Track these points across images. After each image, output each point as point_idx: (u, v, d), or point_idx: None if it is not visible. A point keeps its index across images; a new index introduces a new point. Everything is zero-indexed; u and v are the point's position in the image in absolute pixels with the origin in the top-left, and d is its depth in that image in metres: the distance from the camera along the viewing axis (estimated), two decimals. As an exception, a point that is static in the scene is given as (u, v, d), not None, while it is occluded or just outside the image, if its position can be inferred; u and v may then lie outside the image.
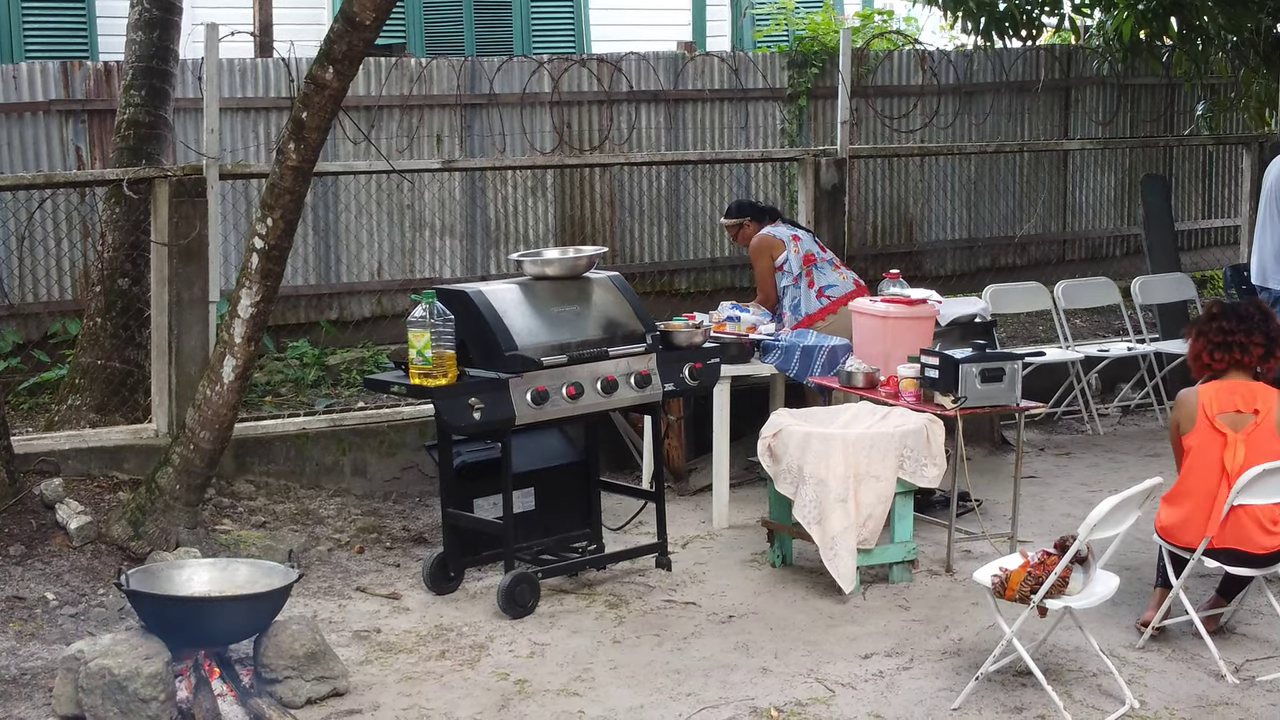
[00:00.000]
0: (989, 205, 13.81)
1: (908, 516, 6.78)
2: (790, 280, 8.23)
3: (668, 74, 12.21)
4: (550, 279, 6.86)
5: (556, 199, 11.92)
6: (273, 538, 7.30)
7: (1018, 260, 14.04)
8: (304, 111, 6.58)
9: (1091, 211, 14.39)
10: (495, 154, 11.50)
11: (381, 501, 8.10)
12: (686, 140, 12.30)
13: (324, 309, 11.50)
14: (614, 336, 6.78)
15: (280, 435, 8.09)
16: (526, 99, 11.58)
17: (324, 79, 6.52)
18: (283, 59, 7.72)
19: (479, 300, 6.57)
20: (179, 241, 7.70)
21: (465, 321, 6.51)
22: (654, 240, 12.41)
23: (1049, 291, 9.94)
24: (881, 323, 7.49)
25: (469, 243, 11.77)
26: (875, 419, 6.92)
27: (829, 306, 8.16)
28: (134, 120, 8.31)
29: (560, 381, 6.56)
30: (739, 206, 8.70)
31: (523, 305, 6.68)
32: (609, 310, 6.88)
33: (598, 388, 6.67)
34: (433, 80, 11.50)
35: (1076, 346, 9.83)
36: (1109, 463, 9.00)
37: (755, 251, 8.40)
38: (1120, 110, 14.28)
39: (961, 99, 13.48)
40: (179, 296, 7.76)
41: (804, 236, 8.41)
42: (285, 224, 6.74)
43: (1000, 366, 6.91)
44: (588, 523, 7.27)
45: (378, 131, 11.33)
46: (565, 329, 6.69)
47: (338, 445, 8.19)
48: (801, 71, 12.77)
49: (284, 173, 6.65)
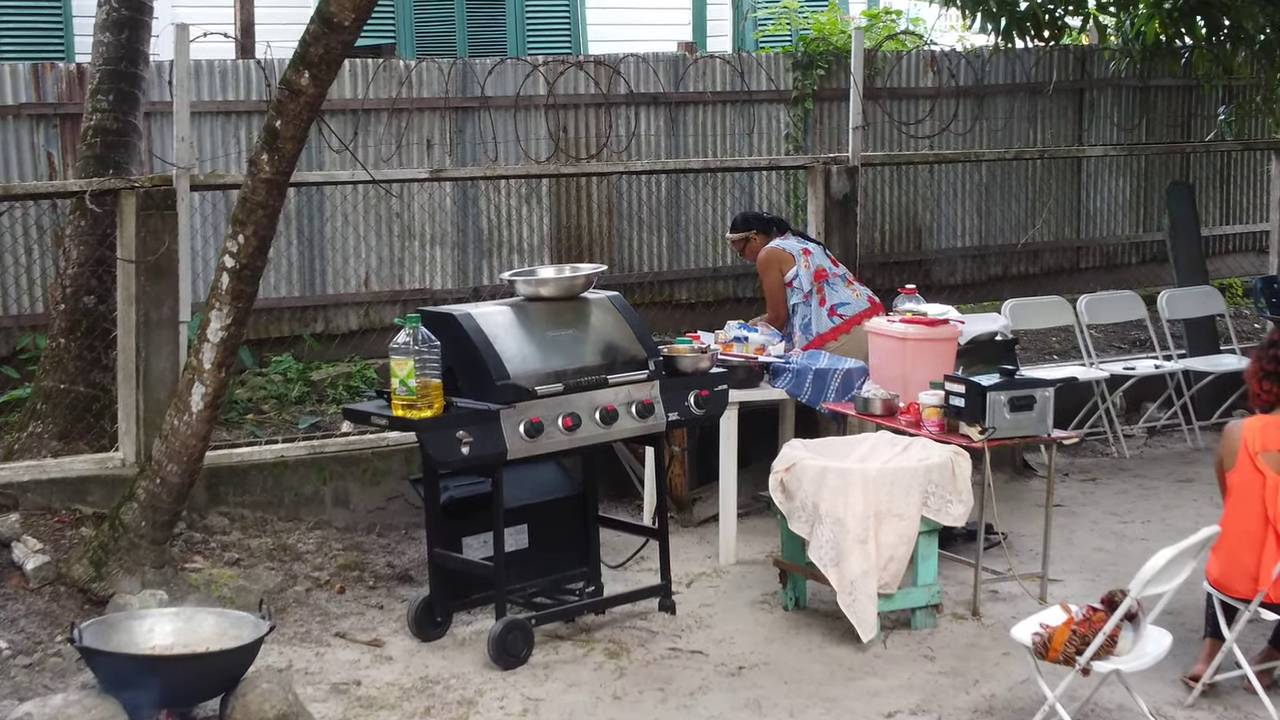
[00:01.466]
0: (1001, 211, 13.30)
1: (932, 557, 6.28)
2: (800, 297, 7.72)
3: (668, 76, 11.71)
4: (545, 300, 6.35)
5: (552, 207, 11.41)
6: (247, 577, 6.80)
7: (1031, 268, 13.55)
8: (278, 119, 6.06)
9: (1107, 218, 13.88)
10: (488, 160, 10.98)
11: (365, 534, 7.59)
12: (687, 145, 11.78)
13: (309, 322, 10.98)
14: (614, 362, 6.27)
15: (257, 464, 7.58)
16: (521, 102, 11.06)
17: (299, 84, 6.01)
18: (258, 61, 7.22)
19: (467, 324, 6.06)
20: (147, 257, 7.19)
21: (453, 347, 6.00)
22: (654, 249, 11.90)
23: (1071, 306, 9.41)
24: (900, 345, 6.98)
25: (460, 252, 11.26)
26: (896, 451, 6.42)
27: (842, 326, 7.65)
28: (101, 127, 7.79)
29: (556, 412, 6.06)
30: (744, 219, 8.18)
31: (515, 329, 6.17)
32: (608, 333, 6.37)
33: (596, 418, 6.16)
34: (422, 82, 11.00)
35: (1101, 364, 9.31)
36: (1138, 489, 8.49)
37: (763, 266, 7.89)
38: (1136, 113, 13.79)
39: (973, 102, 12.98)
40: (147, 316, 7.24)
41: (815, 250, 7.90)
42: (258, 241, 6.23)
43: (1030, 394, 6.40)
44: (585, 560, 6.76)
45: (364, 136, 10.82)
46: (561, 355, 6.18)
47: (318, 474, 7.68)
48: (807, 73, 12.26)
49: (257, 186, 6.14)
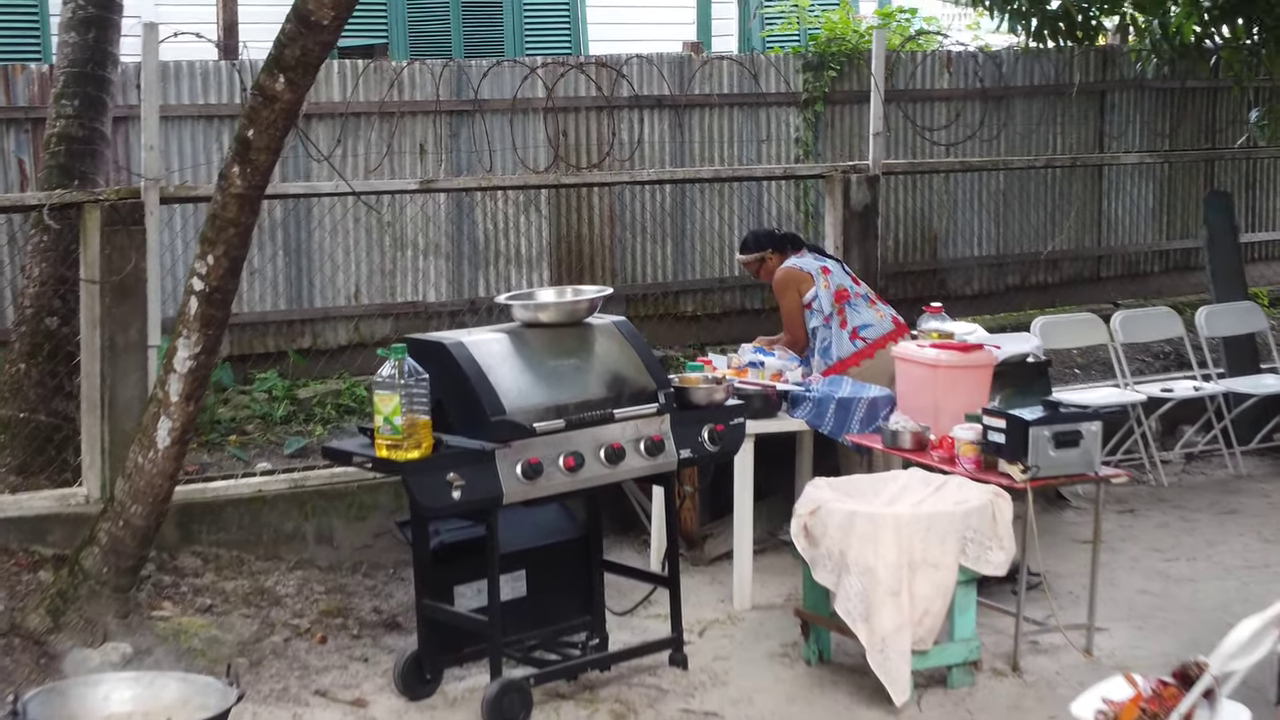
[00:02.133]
0: (1019, 219, 12.75)
1: (970, 609, 5.72)
2: (820, 319, 7.16)
3: (673, 77, 11.15)
4: (544, 326, 5.79)
5: (551, 214, 10.85)
6: (220, 625, 6.24)
7: (1049, 278, 13.00)
8: (250, 128, 5.51)
9: (1129, 225, 13.33)
10: (483, 168, 10.42)
11: (350, 575, 7.03)
12: (693, 150, 11.23)
13: (295, 337, 10.43)
14: (620, 395, 5.71)
15: (233, 499, 7.01)
16: (519, 105, 10.52)
17: (274, 90, 5.46)
18: (232, 63, 6.66)
19: (459, 354, 5.50)
20: (112, 277, 6.62)
21: (443, 379, 5.44)
22: (657, 259, 11.35)
23: (1104, 323, 8.83)
24: (931, 373, 6.42)
25: (455, 263, 10.71)
26: (929, 491, 5.86)
27: (865, 350, 7.10)
28: (65, 134, 7.23)
29: (557, 451, 5.49)
30: (756, 238, 7.61)
31: (512, 359, 5.61)
32: (614, 363, 5.81)
33: (601, 457, 5.60)
34: (415, 84, 10.45)
35: (1136, 385, 8.73)
36: (1179, 522, 7.93)
37: (780, 287, 7.32)
38: (1161, 116, 13.23)
39: (992, 104, 12.43)
40: (113, 341, 6.68)
41: (834, 268, 7.34)
42: (229, 262, 5.67)
43: (1076, 429, 5.84)
44: (588, 608, 6.20)
45: (352, 141, 10.27)
46: (563, 387, 5.62)
47: (300, 509, 7.12)
48: (818, 74, 11.70)
49: (227, 201, 5.58)
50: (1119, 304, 13.21)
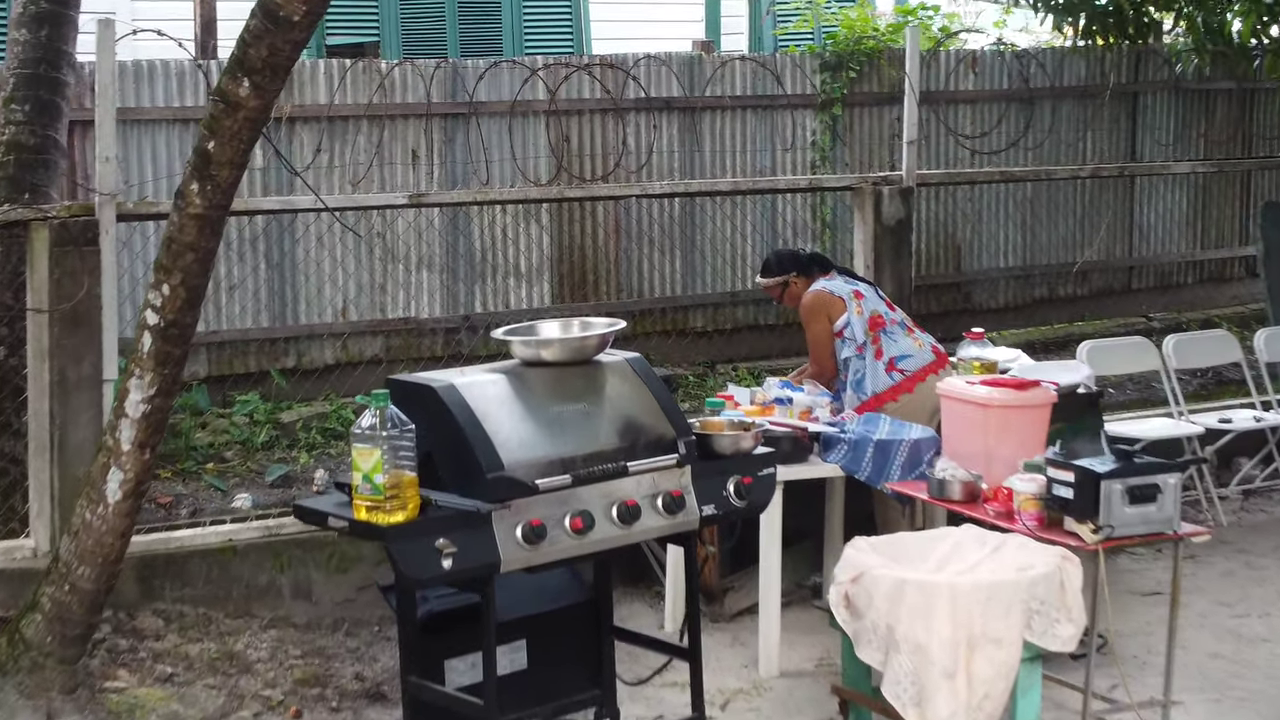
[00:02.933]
0: (1047, 228, 12.06)
1: (1035, 689, 4.99)
2: (853, 350, 6.44)
3: (683, 78, 10.45)
4: (548, 365, 5.07)
5: (553, 226, 10.16)
6: (181, 699, 5.54)
7: (1078, 290, 12.32)
8: (211, 140, 4.79)
9: (1162, 234, 12.65)
10: (478, 176, 9.73)
11: (329, 634, 6.31)
12: (704, 156, 10.54)
13: (278, 356, 9.76)
14: (635, 444, 4.98)
15: (200, 550, 6.31)
16: (518, 107, 9.83)
17: (237, 96, 4.74)
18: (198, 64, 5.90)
19: (450, 399, 4.77)
20: (62, 304, 5.90)
21: (432, 428, 4.73)
22: (665, 272, 10.67)
23: (1155, 348, 8.11)
24: (982, 413, 5.69)
25: (450, 276, 10.03)
26: (986, 553, 5.14)
27: (903, 383, 6.39)
28: (15, 142, 6.51)
29: (563, 510, 4.76)
30: (780, 260, 6.86)
31: (511, 404, 4.89)
32: (628, 407, 5.09)
33: (613, 516, 4.87)
34: (406, 85, 9.76)
35: (1191, 416, 8.01)
36: (1245, 570, 7.21)
37: (808, 313, 6.59)
38: (1195, 119, 12.54)
39: (1017, 106, 11.73)
40: (63, 375, 5.97)
41: (867, 292, 6.62)
42: (188, 292, 4.96)
43: (1154, 482, 5.13)
44: (597, 681, 5.47)
45: (340, 146, 9.59)
46: (569, 436, 4.89)
47: (274, 560, 6.41)
48: (836, 75, 11.01)
49: (185, 223, 4.87)
50: (1150, 317, 12.54)
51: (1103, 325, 12.23)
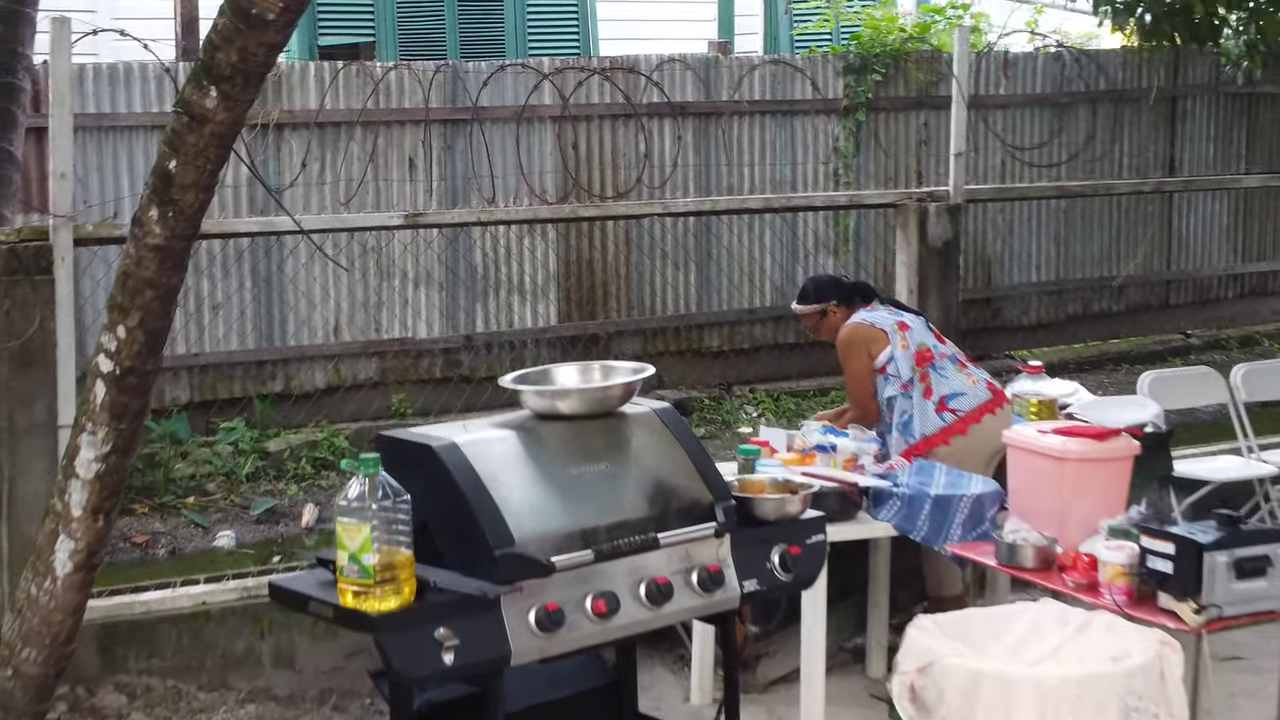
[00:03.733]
0: (1081, 241, 11.39)
1: (1128, 796, 4.32)
2: (897, 387, 5.74)
3: (697, 82, 9.78)
4: (565, 419, 4.38)
5: (559, 238, 9.49)
6: (145, 792, 4.86)
7: (1114, 306, 11.66)
8: (173, 159, 4.11)
9: (1202, 246, 11.98)
10: (480, 187, 9.06)
11: (316, 708, 5.63)
12: (720, 164, 9.87)
13: (265, 379, 9.11)
14: (666, 512, 4.29)
15: (170, 615, 5.62)
16: (525, 113, 9.17)
17: (204, 107, 4.06)
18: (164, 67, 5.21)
19: (452, 462, 4.08)
20: (11, 341, 5.23)
21: (430, 494, 4.05)
22: (679, 288, 10.00)
23: (1223, 379, 7.41)
24: (1057, 467, 5.01)
25: (450, 294, 9.37)
26: (1069, 633, 4.45)
27: (955, 424, 5.70)
28: (-36, 155, 5.85)
29: (583, 591, 4.08)
30: (818, 287, 6.13)
31: (523, 466, 4.20)
32: (657, 467, 4.40)
33: (642, 596, 4.18)
34: (404, 89, 9.10)
35: (1264, 454, 7.30)
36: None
37: (846, 347, 5.88)
38: (1236, 124, 11.88)
39: (1051, 111, 11.08)
40: (12, 421, 5.31)
41: (914, 323, 5.91)
42: (148, 335, 4.27)
43: (1264, 554, 4.45)
44: (619, 774, 4.80)
45: (331, 155, 8.92)
46: (590, 503, 4.20)
47: (254, 625, 5.73)
48: (860, 78, 10.34)
49: (143, 256, 4.18)
50: (1189, 334, 11.90)
51: (1139, 342, 11.61)
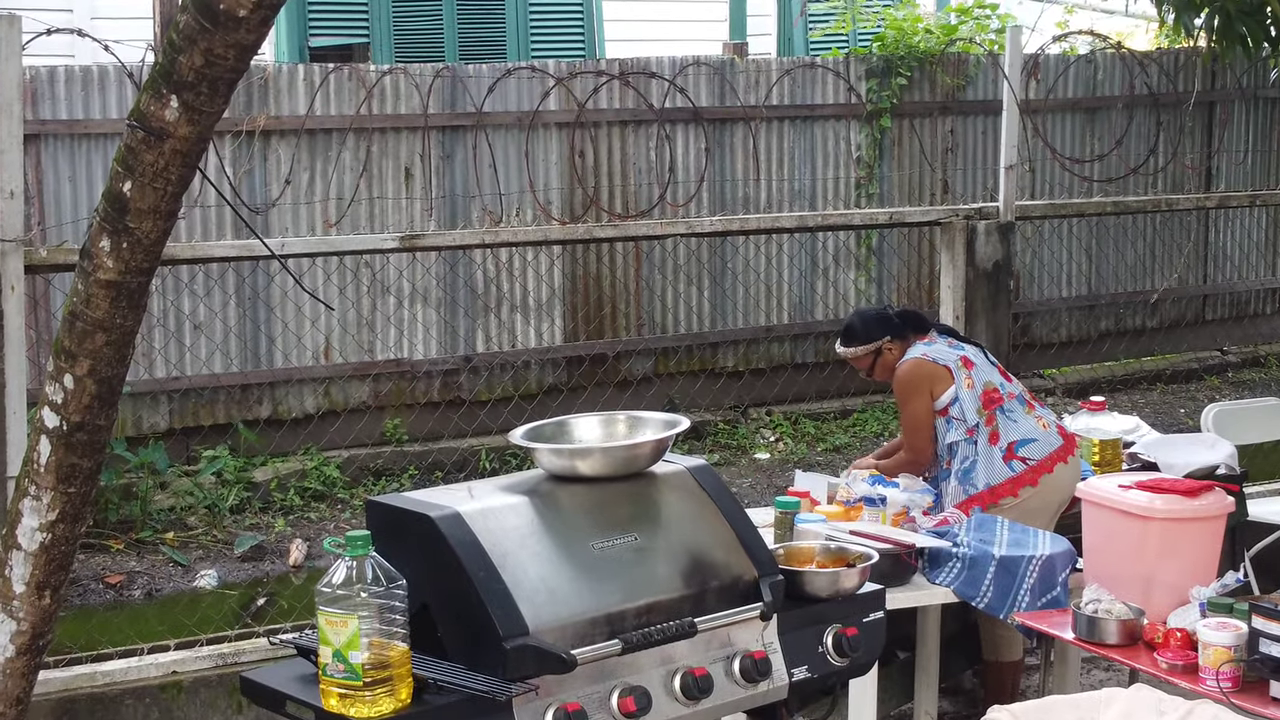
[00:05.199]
0: (1113, 254, 10.80)
1: None
2: (961, 433, 5.11)
3: (714, 85, 9.19)
4: (586, 481, 3.77)
5: (565, 252, 8.91)
6: None
7: (1148, 322, 11.08)
8: (127, 181, 3.49)
9: (1238, 259, 11.40)
10: (482, 198, 8.48)
11: (301, 792, 5.01)
12: (734, 171, 9.29)
13: (251, 404, 8.52)
14: (704, 590, 3.68)
15: (134, 687, 5.00)
16: (527, 119, 8.59)
17: (163, 120, 3.45)
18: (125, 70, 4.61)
19: (455, 535, 3.47)
20: (-47, 382, 4.63)
21: (430, 573, 3.44)
22: (692, 304, 9.42)
23: (1292, 410, 6.80)
24: (1141, 526, 4.40)
25: (449, 311, 8.79)
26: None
27: (1025, 474, 5.08)
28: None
29: (609, 687, 3.47)
30: (866, 324, 5.37)
31: (538, 538, 3.59)
32: (692, 536, 3.79)
33: (676, 690, 3.57)
34: (399, 94, 8.50)
35: (1337, 493, 6.71)
36: None
37: (906, 387, 5.22)
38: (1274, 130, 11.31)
39: (1082, 116, 10.50)
40: (-44, 471, 4.70)
41: (977, 358, 5.28)
42: (99, 385, 3.65)
43: (1393, 635, 3.85)
44: None
45: (322, 164, 8.33)
46: (615, 582, 3.59)
47: (229, 697, 5.11)
48: (884, 82, 9.75)
49: (93, 294, 3.57)
50: (1226, 350, 11.34)
51: (1174, 360, 11.05)
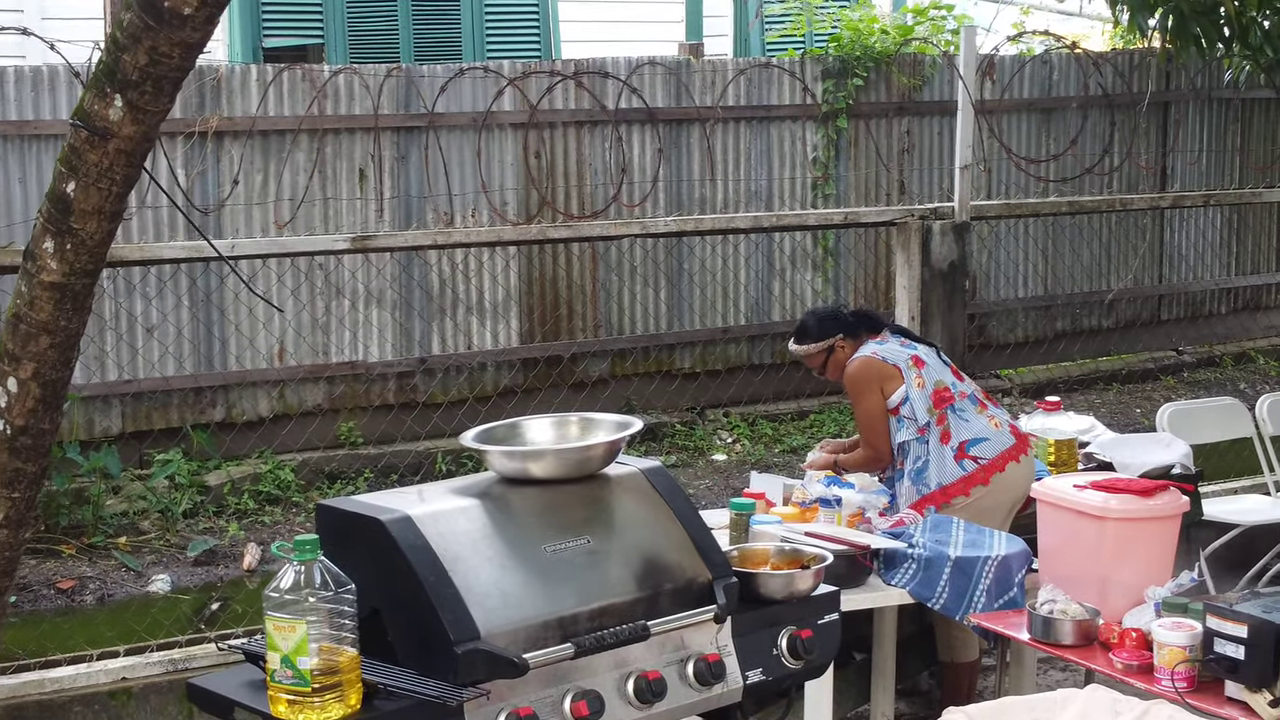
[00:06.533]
0: (1070, 254, 10.84)
1: None
2: (912, 432, 5.11)
3: (670, 86, 9.17)
4: (539, 484, 3.74)
5: (520, 253, 8.86)
6: None
7: (1104, 322, 11.12)
8: (70, 181, 3.45)
9: (1193, 260, 11.46)
10: (436, 200, 8.43)
11: (253, 800, 4.96)
12: (692, 172, 9.26)
13: (204, 407, 8.45)
14: (657, 593, 3.65)
15: (83, 694, 4.93)
16: (491, 119, 8.55)
17: (107, 120, 3.40)
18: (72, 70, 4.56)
19: (406, 539, 3.43)
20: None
21: (381, 577, 3.40)
22: (649, 306, 9.39)
23: (1248, 411, 6.81)
24: (1097, 526, 4.40)
25: (404, 313, 8.73)
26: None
27: (976, 474, 5.08)
28: None
29: (561, 691, 3.44)
30: (820, 322, 5.37)
31: (489, 542, 3.55)
32: (646, 539, 3.76)
33: (629, 694, 3.54)
34: (353, 95, 8.45)
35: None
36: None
37: (856, 385, 5.22)
38: (1228, 130, 11.38)
39: (1038, 116, 10.54)
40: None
41: (928, 357, 5.28)
42: (44, 389, 3.61)
43: (1346, 633, 3.85)
44: None
45: (275, 165, 8.26)
46: (568, 585, 3.56)
47: (182, 703, 5.05)
48: (840, 83, 9.75)
49: (37, 296, 3.52)
50: (1181, 350, 11.39)
51: (1130, 360, 11.09)
